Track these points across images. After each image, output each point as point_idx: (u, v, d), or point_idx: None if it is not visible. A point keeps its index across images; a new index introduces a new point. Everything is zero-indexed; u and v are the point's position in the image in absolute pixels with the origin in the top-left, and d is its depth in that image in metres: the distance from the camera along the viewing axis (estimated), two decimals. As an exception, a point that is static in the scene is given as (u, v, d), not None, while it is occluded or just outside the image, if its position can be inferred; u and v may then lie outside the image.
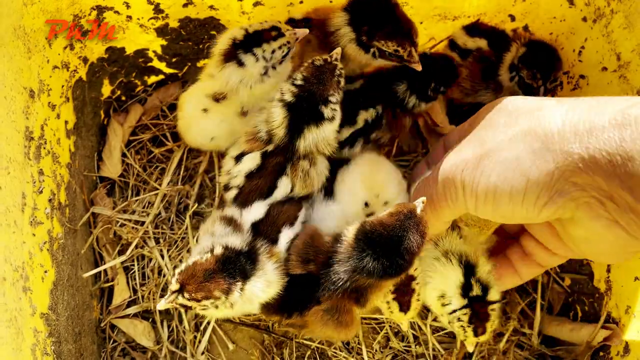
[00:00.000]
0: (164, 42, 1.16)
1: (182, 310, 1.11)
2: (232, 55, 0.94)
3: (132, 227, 1.13)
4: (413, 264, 0.84)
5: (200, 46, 1.20)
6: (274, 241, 0.92)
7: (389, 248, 0.79)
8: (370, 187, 0.95)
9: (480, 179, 0.68)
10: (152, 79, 1.26)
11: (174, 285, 0.81)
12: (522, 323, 1.13)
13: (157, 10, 1.07)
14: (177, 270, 0.83)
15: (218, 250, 0.84)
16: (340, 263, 0.83)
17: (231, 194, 0.96)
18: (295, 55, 1.06)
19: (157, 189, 1.17)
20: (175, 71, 1.25)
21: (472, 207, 0.73)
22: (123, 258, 1.09)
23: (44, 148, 0.94)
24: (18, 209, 0.83)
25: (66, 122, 1.04)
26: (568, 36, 1.09)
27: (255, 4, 1.09)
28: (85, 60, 1.09)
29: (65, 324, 0.95)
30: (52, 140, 0.97)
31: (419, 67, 0.97)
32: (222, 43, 0.95)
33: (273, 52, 0.94)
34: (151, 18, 1.09)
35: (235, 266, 0.84)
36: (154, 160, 1.22)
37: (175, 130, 1.23)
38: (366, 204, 0.94)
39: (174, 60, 1.22)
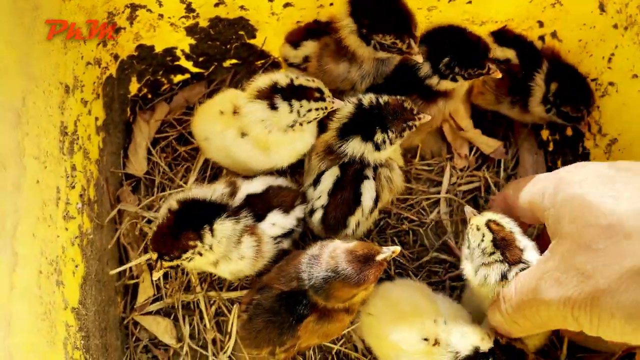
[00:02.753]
0: (193, 42, 1.17)
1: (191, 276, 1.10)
2: (268, 96, 0.93)
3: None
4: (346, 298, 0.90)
5: (228, 46, 1.20)
6: (260, 217, 0.96)
7: (324, 276, 0.85)
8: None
9: (600, 321, 0.66)
10: (178, 78, 1.26)
11: (153, 255, 0.89)
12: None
13: (189, 9, 1.07)
14: (149, 239, 0.91)
15: (173, 205, 0.89)
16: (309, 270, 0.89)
17: (317, 216, 1.00)
18: (314, 59, 1.07)
19: (183, 187, 1.17)
20: (202, 70, 1.26)
21: (587, 330, 0.70)
22: (149, 256, 1.09)
23: (77, 144, 0.95)
24: (53, 203, 0.84)
25: (96, 119, 1.05)
26: (598, 43, 1.09)
27: (286, 5, 1.09)
28: (116, 57, 1.10)
29: (93, 319, 0.95)
30: (83, 136, 0.98)
31: (419, 59, 0.96)
32: (262, 81, 0.95)
33: (309, 111, 0.94)
34: (182, 17, 1.09)
35: (197, 213, 0.89)
36: (179, 158, 1.22)
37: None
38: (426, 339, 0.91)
39: (200, 59, 1.22)
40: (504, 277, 0.82)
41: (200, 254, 0.89)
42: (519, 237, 0.85)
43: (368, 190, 0.98)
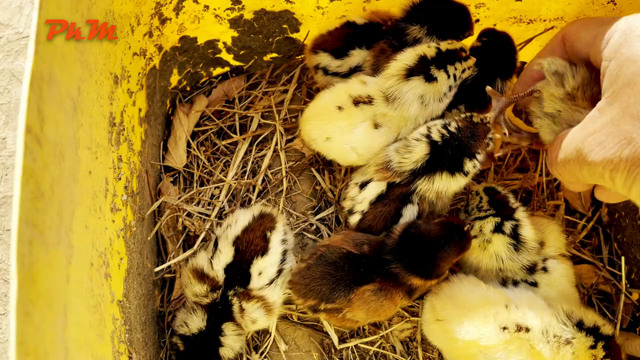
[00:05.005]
0: (235, 34, 1.15)
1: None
2: (422, 70, 0.92)
3: (198, 218, 1.12)
4: (444, 272, 0.92)
5: (270, 39, 1.18)
6: (244, 282, 0.93)
7: (425, 254, 0.89)
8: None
9: (632, 184, 0.66)
10: (218, 71, 1.25)
11: None
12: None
13: (235, 1, 1.06)
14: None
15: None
16: (387, 253, 0.92)
17: (355, 219, 1.00)
18: (368, 67, 1.05)
19: (223, 181, 1.16)
20: (241, 64, 1.24)
21: (619, 189, 0.69)
22: (190, 252, 1.08)
23: (122, 134, 0.94)
24: (102, 194, 0.83)
25: (139, 110, 1.04)
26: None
27: (332, -1, 1.08)
28: (160, 48, 1.09)
29: (135, 313, 0.94)
30: (128, 127, 0.97)
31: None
32: (406, 58, 0.93)
33: (463, 71, 0.95)
34: (227, 9, 1.08)
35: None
36: (217, 152, 1.21)
37: (241, 122, 1.23)
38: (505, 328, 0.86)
39: (241, 52, 1.21)
40: (497, 229, 0.93)
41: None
42: (512, 200, 0.97)
43: (409, 214, 0.96)
